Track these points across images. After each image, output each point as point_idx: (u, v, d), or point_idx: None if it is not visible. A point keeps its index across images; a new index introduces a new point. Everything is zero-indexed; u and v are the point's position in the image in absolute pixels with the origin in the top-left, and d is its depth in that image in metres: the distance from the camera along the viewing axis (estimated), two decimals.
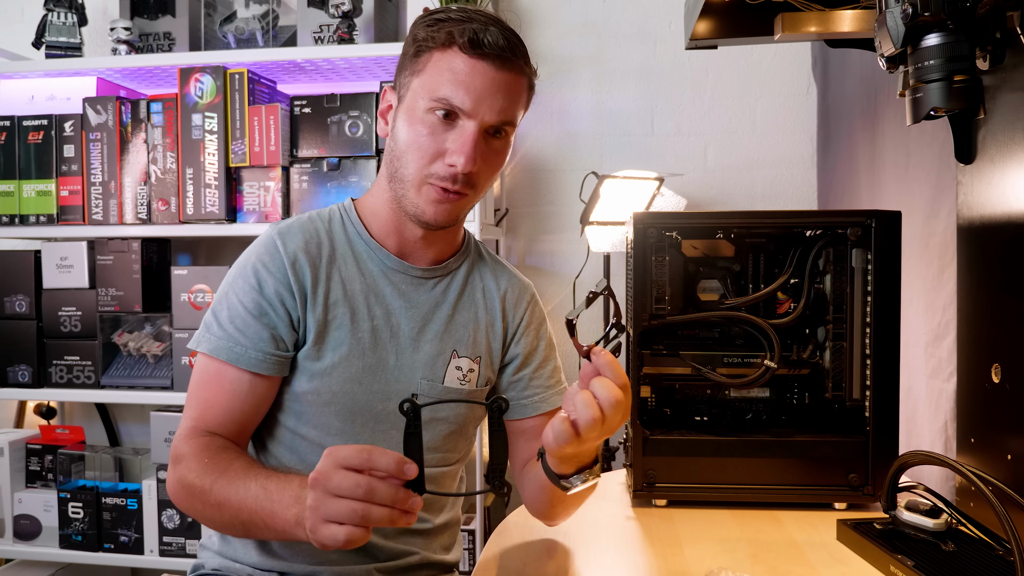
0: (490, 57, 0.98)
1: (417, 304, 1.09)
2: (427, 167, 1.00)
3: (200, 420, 1.02)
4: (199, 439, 0.99)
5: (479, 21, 0.99)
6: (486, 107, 0.98)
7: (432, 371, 1.09)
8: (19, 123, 2.09)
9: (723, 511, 1.17)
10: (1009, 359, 0.97)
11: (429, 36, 0.99)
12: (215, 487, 0.93)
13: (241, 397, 1.02)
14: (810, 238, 1.23)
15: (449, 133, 0.99)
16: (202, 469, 0.95)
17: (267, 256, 1.04)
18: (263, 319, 1.02)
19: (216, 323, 1.03)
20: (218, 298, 1.06)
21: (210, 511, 0.94)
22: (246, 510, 0.90)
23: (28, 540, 2.16)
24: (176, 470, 0.98)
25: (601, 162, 2.28)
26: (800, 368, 1.26)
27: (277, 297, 1.03)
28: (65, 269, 2.10)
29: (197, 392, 1.04)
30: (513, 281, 1.20)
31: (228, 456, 0.97)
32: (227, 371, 1.02)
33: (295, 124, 2.00)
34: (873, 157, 1.68)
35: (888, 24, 0.92)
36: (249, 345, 1.01)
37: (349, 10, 1.99)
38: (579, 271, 2.26)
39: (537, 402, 1.18)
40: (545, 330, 1.22)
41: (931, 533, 0.97)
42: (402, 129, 1.02)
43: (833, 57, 2.01)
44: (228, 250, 2.38)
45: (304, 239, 1.05)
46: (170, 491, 1.00)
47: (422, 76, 1.00)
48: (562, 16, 2.32)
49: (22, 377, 2.11)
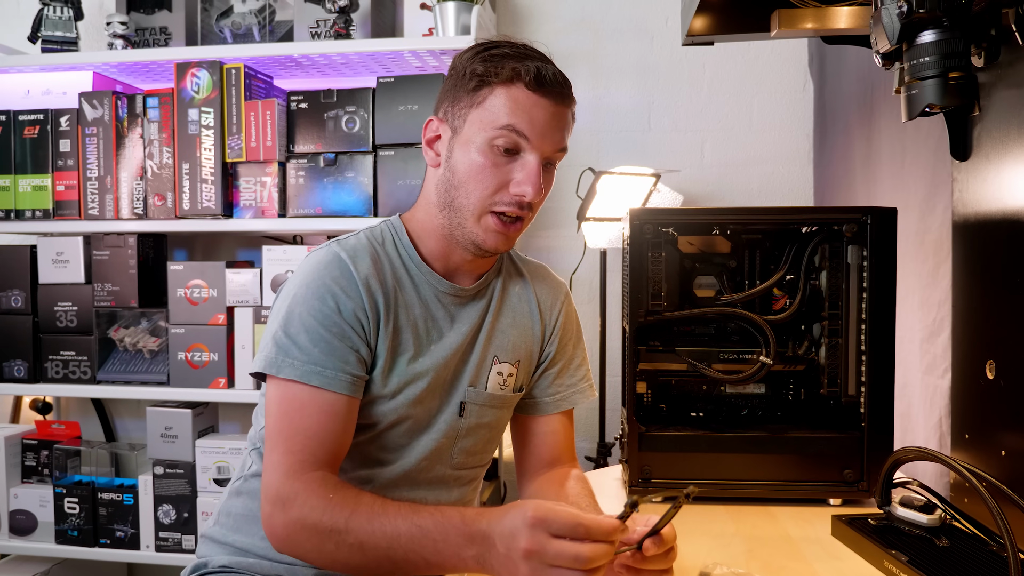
0: (552, 94, 1.02)
1: (465, 320, 1.11)
2: (490, 197, 1.02)
3: (305, 452, 0.96)
4: (309, 475, 0.94)
5: (537, 58, 1.03)
6: (548, 140, 1.02)
7: (477, 379, 1.12)
8: (15, 118, 2.09)
9: (718, 506, 1.18)
10: (1003, 355, 0.98)
11: (490, 71, 1.01)
12: (351, 526, 0.89)
13: (339, 422, 0.98)
14: (806, 234, 1.23)
15: (512, 164, 1.02)
16: (328, 507, 0.90)
17: (342, 278, 1.01)
18: (346, 340, 1.00)
19: (295, 347, 0.98)
20: (287, 319, 1.00)
21: (346, 552, 0.89)
22: (400, 548, 0.86)
23: (24, 535, 2.16)
24: (289, 512, 0.92)
25: (598, 158, 2.28)
26: (795, 364, 1.26)
27: (355, 319, 1.01)
28: (61, 264, 2.09)
29: (289, 423, 0.97)
30: (547, 282, 1.22)
31: (352, 492, 0.93)
32: (319, 397, 0.97)
33: (292, 119, 1.99)
34: (869, 153, 1.68)
35: (883, 21, 0.92)
36: (338, 368, 0.98)
37: (346, 5, 1.99)
38: (576, 267, 2.26)
39: (559, 400, 1.19)
40: (575, 329, 1.23)
41: (925, 529, 0.97)
42: (461, 160, 1.03)
43: (830, 54, 2.01)
44: (224, 245, 2.38)
45: (371, 262, 1.04)
46: (282, 535, 0.93)
47: (483, 109, 1.02)
48: (559, 12, 2.32)
49: (18, 372, 2.11)
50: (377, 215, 1.94)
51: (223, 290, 2.01)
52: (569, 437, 1.20)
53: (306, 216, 1.98)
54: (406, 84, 1.94)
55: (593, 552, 0.75)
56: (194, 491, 2.06)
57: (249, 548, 1.09)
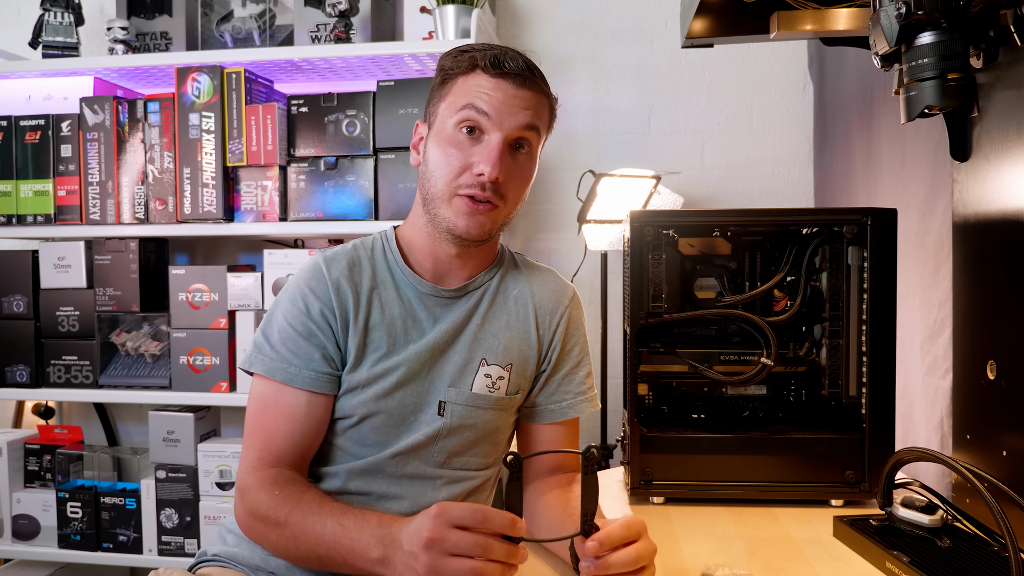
0: (510, 75, 1.04)
1: (449, 320, 1.13)
2: (455, 179, 1.05)
3: (264, 449, 1.05)
4: (266, 471, 1.02)
5: (500, 48, 1.06)
6: (508, 119, 1.04)
7: (460, 379, 1.12)
8: (16, 123, 2.09)
9: (720, 508, 1.18)
10: (1004, 356, 0.98)
11: (454, 64, 1.07)
12: (289, 520, 0.96)
13: (300, 418, 1.06)
14: (806, 236, 1.24)
15: (475, 147, 1.05)
16: (273, 502, 0.98)
17: (313, 281, 1.09)
18: (312, 339, 1.07)
19: (268, 345, 1.07)
20: (267, 320, 1.10)
21: (285, 544, 0.97)
22: (324, 546, 0.93)
23: (27, 540, 2.16)
24: (245, 502, 1.01)
25: (598, 160, 2.29)
26: (797, 365, 1.27)
27: (323, 319, 1.07)
28: (63, 269, 2.09)
29: (257, 421, 1.07)
30: (549, 288, 1.20)
31: (297, 488, 1.00)
32: (284, 393, 1.06)
33: (292, 123, 2.00)
34: (869, 154, 1.68)
35: (882, 23, 0.92)
36: (302, 365, 1.06)
37: (346, 9, 1.99)
38: (576, 269, 2.26)
39: (565, 408, 1.18)
40: (580, 336, 1.22)
41: (927, 529, 0.97)
42: (432, 151, 1.08)
43: (829, 55, 2.01)
44: (225, 249, 2.38)
45: (347, 265, 1.10)
46: (240, 522, 1.03)
47: (448, 99, 1.07)
48: (558, 15, 2.32)
49: (20, 377, 2.11)
50: (378, 218, 1.95)
51: (224, 294, 2.02)
52: (574, 446, 1.20)
53: (307, 220, 1.98)
54: (406, 87, 1.94)
55: (493, 541, 0.77)
56: (196, 495, 2.06)
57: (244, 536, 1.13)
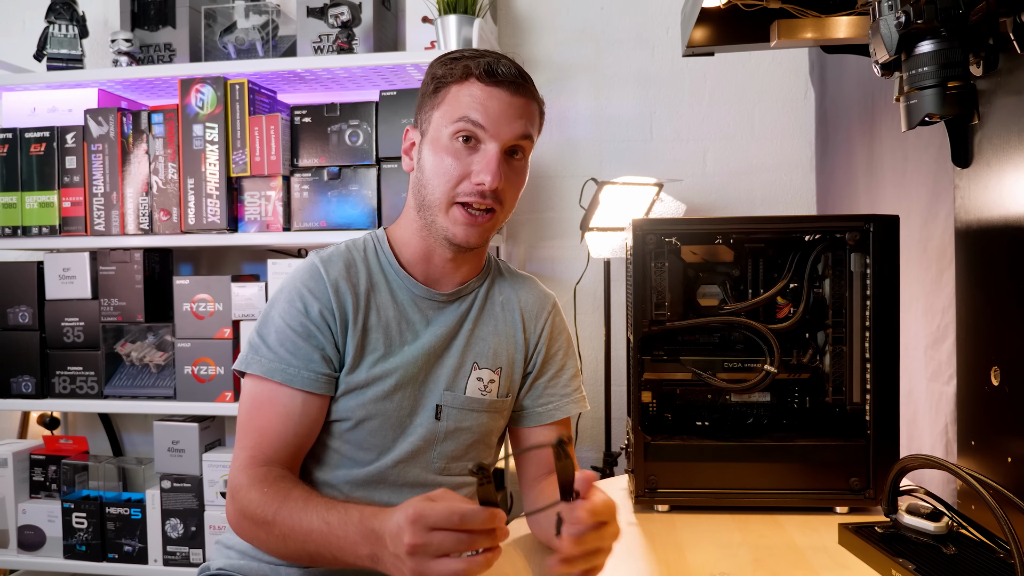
0: (504, 84, 1.06)
1: (441, 323, 1.14)
2: (454, 189, 1.06)
3: (256, 448, 1.04)
4: (256, 469, 1.02)
5: (491, 55, 1.08)
6: (505, 127, 1.05)
7: (454, 382, 1.13)
8: (21, 135, 2.10)
9: (725, 516, 1.18)
10: (1008, 362, 0.98)
11: (447, 72, 1.08)
12: (277, 519, 0.95)
13: (295, 419, 1.05)
14: (809, 243, 1.24)
15: (473, 156, 1.06)
16: (263, 500, 0.97)
17: (312, 281, 1.08)
18: (311, 340, 1.06)
19: (264, 346, 1.06)
20: (262, 321, 1.09)
21: (275, 542, 0.97)
22: (312, 543, 0.92)
23: (32, 550, 2.16)
24: (235, 501, 1.01)
25: (600, 168, 2.29)
26: (800, 372, 1.27)
27: (322, 319, 1.07)
28: (67, 280, 2.10)
29: (250, 420, 1.06)
30: (533, 294, 1.23)
31: (285, 486, 0.99)
32: (280, 393, 1.05)
33: (295, 134, 2.01)
34: (871, 161, 1.69)
35: (882, 31, 0.92)
36: (300, 365, 1.05)
37: (348, 20, 2.00)
38: (579, 277, 2.26)
39: (552, 410, 1.20)
40: (564, 340, 1.24)
41: (932, 536, 0.97)
42: (428, 158, 1.08)
43: (830, 62, 2.02)
44: (229, 259, 2.39)
45: (344, 267, 1.10)
46: (231, 522, 1.03)
47: (443, 107, 1.07)
48: (560, 23, 2.33)
49: (25, 388, 2.12)
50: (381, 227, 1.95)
51: (229, 304, 2.02)
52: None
53: (310, 229, 1.99)
54: (409, 97, 1.95)
55: (475, 536, 0.77)
56: (201, 505, 2.06)
57: (245, 550, 1.13)
